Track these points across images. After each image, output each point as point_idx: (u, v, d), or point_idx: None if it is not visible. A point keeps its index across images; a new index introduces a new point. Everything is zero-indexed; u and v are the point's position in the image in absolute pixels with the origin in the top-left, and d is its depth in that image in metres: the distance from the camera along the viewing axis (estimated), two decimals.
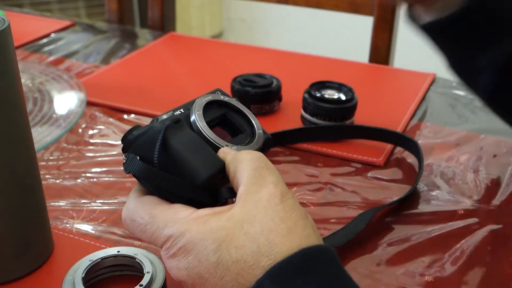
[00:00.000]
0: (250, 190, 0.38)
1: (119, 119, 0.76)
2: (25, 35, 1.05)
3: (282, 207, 0.37)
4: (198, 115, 0.43)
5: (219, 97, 0.46)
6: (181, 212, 0.38)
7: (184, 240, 0.37)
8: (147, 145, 0.40)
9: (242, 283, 0.35)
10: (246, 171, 0.39)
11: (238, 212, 0.37)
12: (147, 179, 0.40)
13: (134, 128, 0.43)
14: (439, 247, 0.53)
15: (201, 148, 0.40)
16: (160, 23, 1.21)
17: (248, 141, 0.45)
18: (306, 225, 0.37)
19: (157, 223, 0.39)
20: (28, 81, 0.84)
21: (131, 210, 0.41)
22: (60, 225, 0.56)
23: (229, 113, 0.46)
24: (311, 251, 0.35)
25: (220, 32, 2.92)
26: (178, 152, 0.39)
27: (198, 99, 0.44)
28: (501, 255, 0.52)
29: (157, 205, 0.40)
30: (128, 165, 0.40)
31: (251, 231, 0.36)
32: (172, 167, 0.39)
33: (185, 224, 0.37)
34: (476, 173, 0.64)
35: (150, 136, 0.40)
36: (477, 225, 0.56)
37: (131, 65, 0.94)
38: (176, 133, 0.40)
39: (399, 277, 0.50)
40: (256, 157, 0.40)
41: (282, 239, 0.35)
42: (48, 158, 0.67)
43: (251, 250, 0.35)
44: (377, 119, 0.74)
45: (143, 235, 0.40)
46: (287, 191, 0.38)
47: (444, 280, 0.49)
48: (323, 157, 0.67)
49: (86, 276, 0.46)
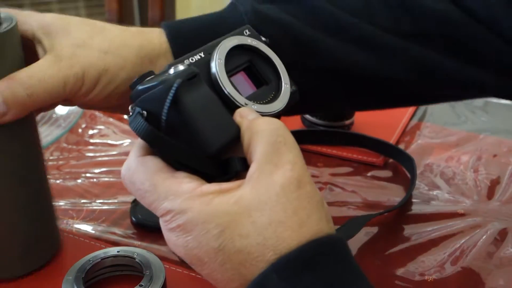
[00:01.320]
0: (264, 169, 0.33)
1: (119, 119, 0.76)
2: None
3: (298, 195, 0.33)
4: (219, 64, 0.38)
5: (246, 41, 0.40)
6: (185, 184, 0.34)
7: (185, 218, 0.33)
8: (156, 101, 0.35)
9: (244, 273, 0.33)
10: (261, 145, 0.34)
11: (248, 195, 0.33)
12: (152, 143, 0.35)
13: (147, 75, 0.38)
14: (439, 247, 0.53)
15: (216, 111, 0.35)
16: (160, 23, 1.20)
17: (272, 96, 0.40)
18: (320, 218, 0.34)
19: (158, 193, 0.35)
20: None
21: (131, 170, 0.37)
22: (60, 225, 0.56)
23: (255, 59, 0.41)
24: (321, 244, 0.33)
25: None
26: (190, 114, 0.35)
27: (222, 41, 0.39)
28: (501, 255, 0.52)
29: (160, 172, 0.36)
30: (133, 121, 0.36)
31: (259, 221, 0.32)
32: (181, 129, 0.35)
33: (187, 201, 0.34)
34: (476, 173, 0.64)
35: (161, 90, 0.35)
36: (477, 225, 0.56)
37: None
38: (190, 91, 0.35)
39: (399, 277, 0.50)
40: (274, 129, 0.35)
41: (292, 234, 0.32)
42: (48, 158, 0.67)
43: (256, 242, 0.32)
44: (377, 119, 0.74)
45: (142, 201, 0.36)
46: (305, 174, 0.34)
47: (444, 280, 0.49)
48: (323, 157, 0.67)
49: (86, 276, 0.46)
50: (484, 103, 0.81)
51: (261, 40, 0.42)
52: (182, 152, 0.35)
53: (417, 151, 0.68)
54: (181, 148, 0.35)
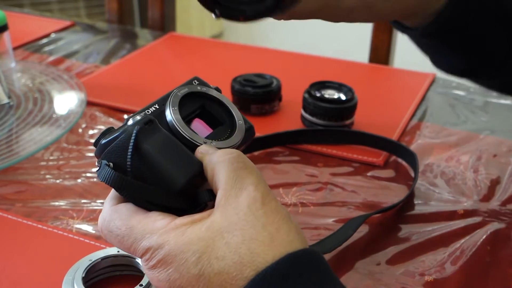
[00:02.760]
0: (229, 194, 0.36)
1: (119, 119, 0.76)
2: (25, 35, 1.05)
3: (264, 211, 0.35)
4: (173, 111, 0.40)
5: (196, 88, 0.43)
6: (158, 221, 0.37)
7: (163, 252, 0.35)
8: (119, 151, 0.38)
9: None
10: (224, 173, 0.37)
11: (218, 219, 0.35)
12: (121, 190, 0.38)
13: (107, 131, 0.40)
14: (439, 247, 0.53)
15: (176, 151, 0.38)
16: (160, 23, 1.21)
17: (229, 133, 0.42)
18: (290, 229, 0.36)
19: (135, 234, 0.37)
20: (28, 81, 0.85)
21: (107, 220, 0.39)
22: (60, 225, 0.56)
23: (207, 103, 0.43)
24: (296, 257, 0.34)
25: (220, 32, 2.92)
26: (152, 157, 0.37)
27: (173, 92, 0.41)
28: (501, 255, 0.52)
29: (134, 215, 0.38)
30: (100, 173, 0.38)
31: (232, 241, 0.34)
32: (147, 173, 0.37)
33: (163, 235, 0.36)
34: (476, 173, 0.64)
35: (122, 140, 0.38)
36: (477, 225, 0.56)
37: (131, 65, 0.94)
38: (149, 136, 0.38)
39: (399, 277, 0.50)
40: (233, 157, 0.38)
41: (265, 248, 0.34)
42: (48, 158, 0.67)
43: (233, 261, 0.34)
44: (377, 119, 0.74)
45: (121, 246, 0.38)
46: (269, 192, 0.37)
47: (444, 280, 0.49)
48: (323, 157, 0.67)
49: (86, 276, 0.46)
50: (484, 103, 0.81)
51: (210, 87, 0.44)
52: (152, 192, 0.37)
53: (417, 151, 0.68)
54: (150, 189, 0.37)
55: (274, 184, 0.62)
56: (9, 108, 0.76)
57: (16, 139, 0.70)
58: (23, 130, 0.72)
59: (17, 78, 0.86)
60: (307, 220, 0.57)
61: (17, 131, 0.72)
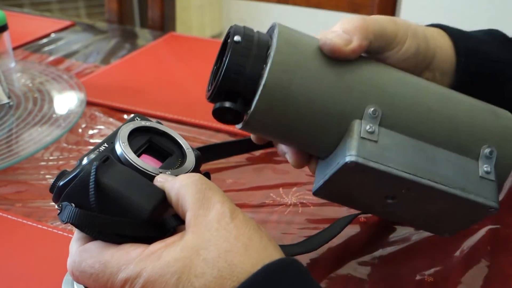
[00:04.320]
0: (198, 214, 0.37)
1: (119, 119, 0.76)
2: (25, 35, 1.05)
3: (234, 225, 0.36)
4: (124, 146, 0.41)
5: (141, 123, 0.44)
6: (132, 251, 0.37)
7: (142, 280, 0.35)
8: (80, 189, 0.38)
9: None
10: (189, 195, 0.38)
11: (191, 239, 0.36)
12: (89, 226, 0.38)
13: (61, 174, 0.40)
14: (439, 247, 0.53)
15: (137, 182, 0.39)
16: (160, 23, 1.21)
17: (180, 163, 0.43)
18: (261, 237, 0.37)
19: (110, 268, 0.37)
20: (28, 81, 0.85)
21: (77, 261, 0.38)
22: (60, 225, 0.56)
23: (154, 137, 0.44)
24: (274, 267, 0.35)
25: (220, 32, 2.92)
26: (114, 190, 0.38)
27: (120, 129, 0.42)
28: (501, 255, 0.52)
29: (105, 250, 0.38)
30: (63, 214, 0.38)
31: (209, 256, 0.35)
32: (112, 207, 0.38)
33: (139, 263, 0.36)
34: None
35: (82, 179, 0.38)
36: (477, 225, 0.56)
37: (131, 65, 0.94)
38: (108, 171, 0.38)
39: (398, 277, 0.50)
40: (196, 180, 0.38)
41: (242, 258, 0.35)
42: (48, 158, 0.67)
43: (213, 276, 0.34)
44: None
45: (97, 285, 0.37)
46: (235, 207, 0.38)
47: (444, 280, 0.49)
48: None
49: None
50: None
51: (152, 121, 0.46)
52: (121, 224, 0.37)
53: None
54: (118, 220, 0.37)
55: (274, 184, 0.62)
56: (9, 108, 0.76)
57: (16, 139, 0.70)
58: (23, 130, 0.72)
59: (17, 78, 0.86)
60: (307, 220, 0.57)
61: (17, 131, 0.72)
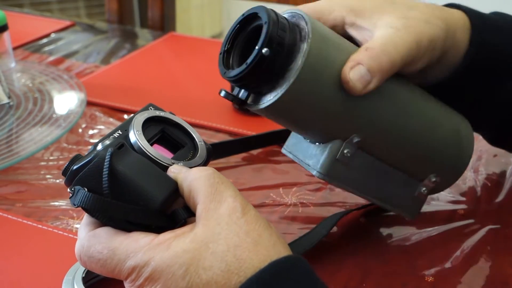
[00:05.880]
0: (210, 207, 0.37)
1: (119, 119, 0.76)
2: (25, 35, 1.05)
3: (245, 220, 0.36)
4: (138, 135, 0.41)
5: (155, 113, 0.44)
6: (141, 240, 0.37)
7: (150, 269, 0.35)
8: (93, 175, 0.38)
9: None
10: (201, 188, 0.38)
11: (201, 231, 0.36)
12: (101, 211, 0.38)
13: (75, 158, 0.40)
14: (439, 247, 0.53)
15: (150, 170, 0.39)
16: (160, 23, 1.21)
17: (192, 155, 0.43)
18: (271, 234, 0.37)
19: (118, 255, 0.37)
20: (28, 81, 0.85)
21: (86, 246, 0.38)
22: (60, 225, 0.56)
23: (167, 128, 0.44)
24: (280, 264, 0.35)
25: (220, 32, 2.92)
26: (128, 178, 0.38)
27: (134, 118, 0.42)
28: (501, 255, 0.52)
29: (114, 237, 0.38)
30: (76, 198, 0.38)
31: (218, 250, 0.35)
32: (124, 195, 0.38)
33: (148, 252, 0.36)
34: (476, 173, 0.64)
35: (96, 165, 0.38)
36: (477, 225, 0.56)
37: (131, 65, 0.94)
38: (123, 158, 0.38)
39: (398, 277, 0.50)
40: (209, 173, 0.39)
41: (250, 254, 0.35)
42: (48, 158, 0.67)
43: (220, 270, 0.35)
44: None
45: (104, 270, 0.38)
46: (247, 203, 0.38)
47: (444, 280, 0.49)
48: None
49: (86, 276, 0.46)
50: None
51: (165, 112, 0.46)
52: (132, 211, 0.38)
53: None
54: (130, 208, 0.37)
55: (274, 184, 0.62)
56: (9, 108, 0.76)
57: (16, 139, 0.70)
58: (23, 130, 0.72)
59: (17, 78, 0.86)
60: (307, 220, 0.57)
61: (17, 131, 0.72)
